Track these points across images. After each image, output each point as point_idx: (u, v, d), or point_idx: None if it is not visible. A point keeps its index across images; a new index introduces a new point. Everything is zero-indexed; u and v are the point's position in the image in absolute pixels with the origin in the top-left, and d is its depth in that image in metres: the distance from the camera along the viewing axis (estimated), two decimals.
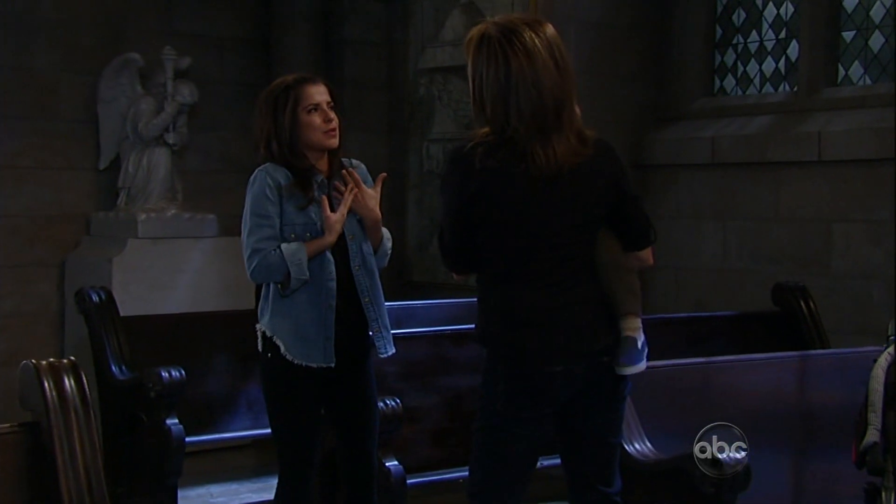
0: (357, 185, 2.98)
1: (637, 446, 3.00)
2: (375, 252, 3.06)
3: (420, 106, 6.59)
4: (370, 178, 3.10)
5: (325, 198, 2.91)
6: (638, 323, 2.50)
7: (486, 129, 2.45)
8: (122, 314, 4.46)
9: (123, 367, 4.26)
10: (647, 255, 2.58)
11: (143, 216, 5.80)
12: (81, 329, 4.68)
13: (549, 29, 2.43)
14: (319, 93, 2.97)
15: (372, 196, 3.00)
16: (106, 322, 4.34)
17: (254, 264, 2.93)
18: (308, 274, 2.91)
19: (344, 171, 2.99)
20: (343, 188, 2.98)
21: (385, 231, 3.09)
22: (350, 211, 3.00)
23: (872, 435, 2.61)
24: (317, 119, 2.95)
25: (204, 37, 6.43)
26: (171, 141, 5.94)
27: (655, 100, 5.83)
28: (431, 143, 6.57)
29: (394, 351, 3.07)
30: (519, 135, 2.37)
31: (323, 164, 3.02)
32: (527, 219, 2.43)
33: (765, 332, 4.54)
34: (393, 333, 4.09)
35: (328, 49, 6.69)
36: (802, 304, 4.62)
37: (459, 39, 6.29)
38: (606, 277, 2.48)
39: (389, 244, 3.11)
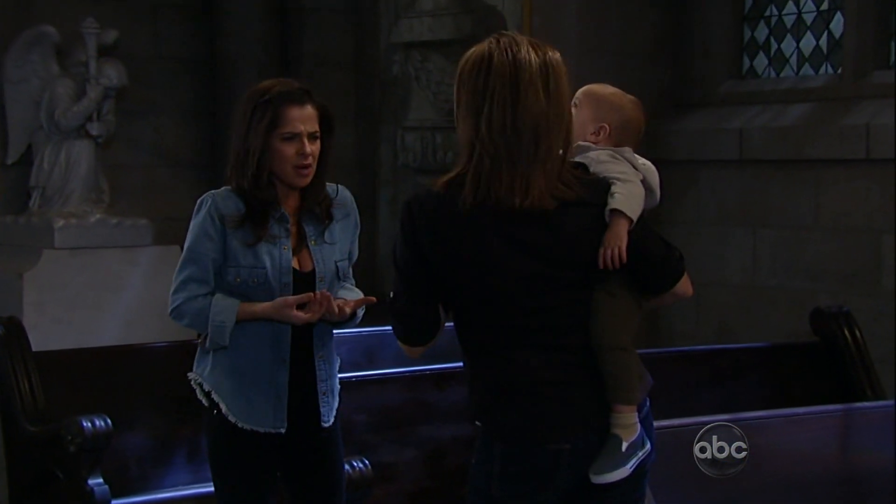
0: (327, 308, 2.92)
1: None
2: (347, 321, 3.04)
3: (393, 87, 6.56)
4: (355, 209, 3.09)
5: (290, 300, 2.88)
6: (630, 418, 2.46)
7: (450, 175, 2.48)
8: (34, 348, 4.39)
9: (36, 415, 4.20)
10: (681, 288, 2.54)
11: (60, 222, 5.77)
12: None
13: (553, 54, 2.48)
14: (304, 119, 2.91)
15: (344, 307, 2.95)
16: (14, 360, 4.25)
17: (173, 305, 2.95)
18: (228, 341, 2.90)
19: (321, 295, 2.92)
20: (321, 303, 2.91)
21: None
22: (326, 243, 2.98)
23: None
24: (290, 150, 2.91)
25: (133, 4, 6.37)
26: (94, 131, 5.91)
27: (673, 83, 5.85)
28: (407, 131, 6.53)
29: (332, 421, 3.05)
30: (487, 153, 2.40)
31: (293, 198, 3.00)
32: (499, 273, 2.43)
33: (801, 369, 4.54)
34: (362, 375, 4.07)
35: (284, 18, 6.66)
36: (847, 333, 4.60)
37: (440, 9, 6.25)
38: (598, 358, 2.45)
39: (361, 313, 3.11)
